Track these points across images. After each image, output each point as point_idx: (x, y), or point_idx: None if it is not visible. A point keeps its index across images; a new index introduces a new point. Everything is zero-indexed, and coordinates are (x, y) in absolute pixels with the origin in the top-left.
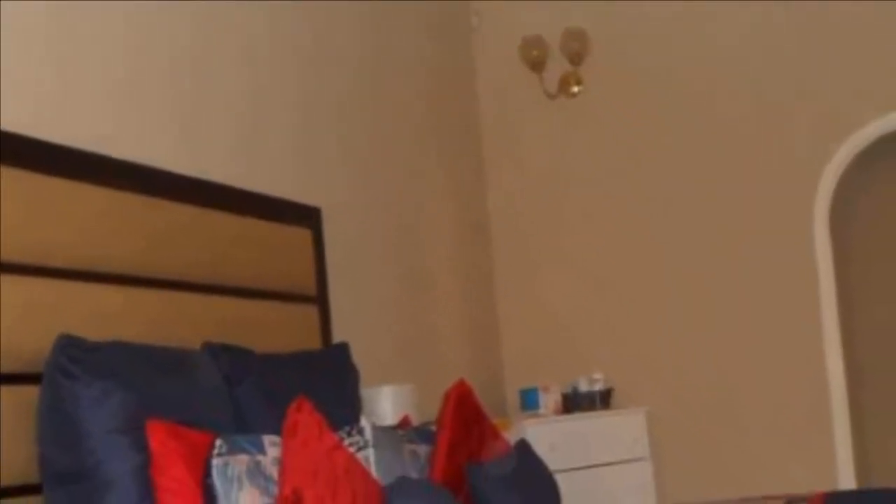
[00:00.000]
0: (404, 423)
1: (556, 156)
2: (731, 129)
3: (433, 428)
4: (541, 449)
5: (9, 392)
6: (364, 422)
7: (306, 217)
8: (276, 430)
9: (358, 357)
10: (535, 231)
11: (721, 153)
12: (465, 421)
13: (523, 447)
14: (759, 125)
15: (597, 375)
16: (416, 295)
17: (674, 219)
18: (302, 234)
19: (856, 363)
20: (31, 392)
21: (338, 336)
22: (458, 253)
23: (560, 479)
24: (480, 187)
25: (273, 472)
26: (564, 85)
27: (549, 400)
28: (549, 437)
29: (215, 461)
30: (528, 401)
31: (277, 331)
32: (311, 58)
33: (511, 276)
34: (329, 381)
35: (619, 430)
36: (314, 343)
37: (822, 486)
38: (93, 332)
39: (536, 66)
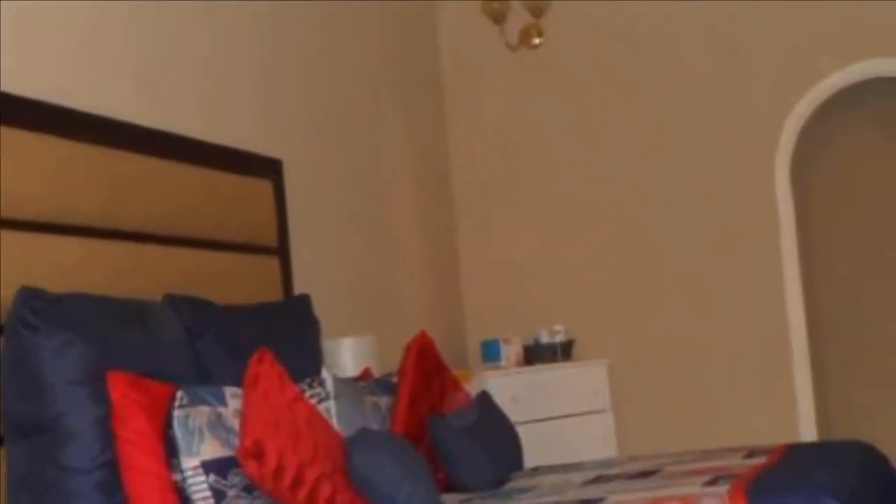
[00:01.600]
0: (365, 375)
1: (517, 108)
2: (692, 81)
3: (394, 380)
4: (502, 400)
5: None
6: (325, 373)
7: (268, 169)
8: (238, 382)
9: (319, 309)
10: (497, 183)
11: (682, 105)
12: (426, 372)
13: (484, 399)
14: (721, 77)
15: (558, 327)
16: (377, 247)
17: (635, 171)
18: (263, 186)
19: (817, 315)
20: None
21: (299, 288)
22: (419, 205)
23: (521, 431)
24: (441, 140)
25: (234, 423)
26: (525, 37)
27: (511, 352)
28: (511, 388)
29: (176, 413)
30: (490, 352)
31: (239, 283)
32: (273, 10)
33: (472, 228)
34: (290, 332)
35: (581, 381)
36: (275, 295)
37: (784, 438)
38: (54, 284)
39: (498, 18)
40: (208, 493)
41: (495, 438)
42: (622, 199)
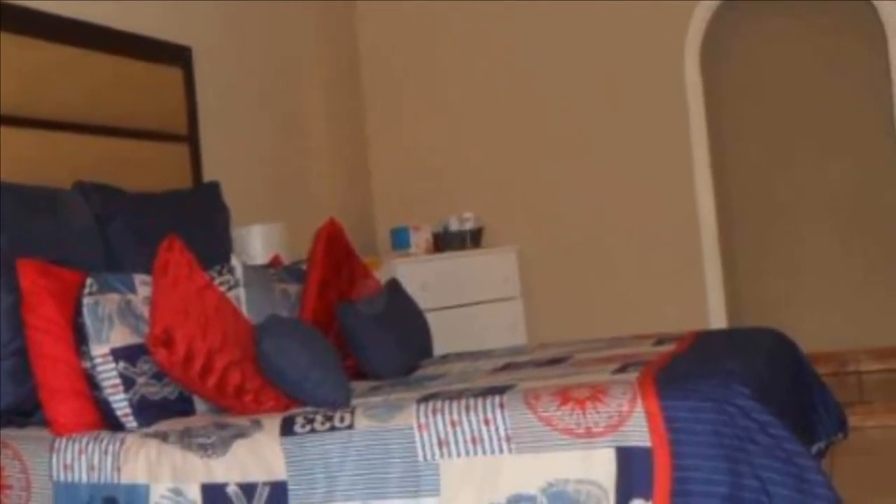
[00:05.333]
0: (275, 263)
1: None
2: None
3: (304, 267)
4: (411, 288)
5: None
6: (234, 261)
7: (177, 57)
8: (147, 269)
9: (229, 196)
10: (406, 71)
11: None
12: (335, 260)
13: (394, 286)
14: None
15: (467, 214)
16: (287, 135)
17: (545, 59)
18: (173, 74)
19: (727, 203)
20: None
21: (208, 175)
22: (329, 92)
23: (431, 318)
24: (351, 28)
25: (144, 311)
26: None
27: (420, 239)
28: (420, 275)
29: (86, 300)
30: (399, 240)
31: (148, 170)
32: None
33: (382, 115)
34: (200, 220)
35: (490, 269)
36: (185, 182)
37: (694, 326)
38: None
39: None
40: (118, 381)
41: (405, 326)
42: (531, 86)
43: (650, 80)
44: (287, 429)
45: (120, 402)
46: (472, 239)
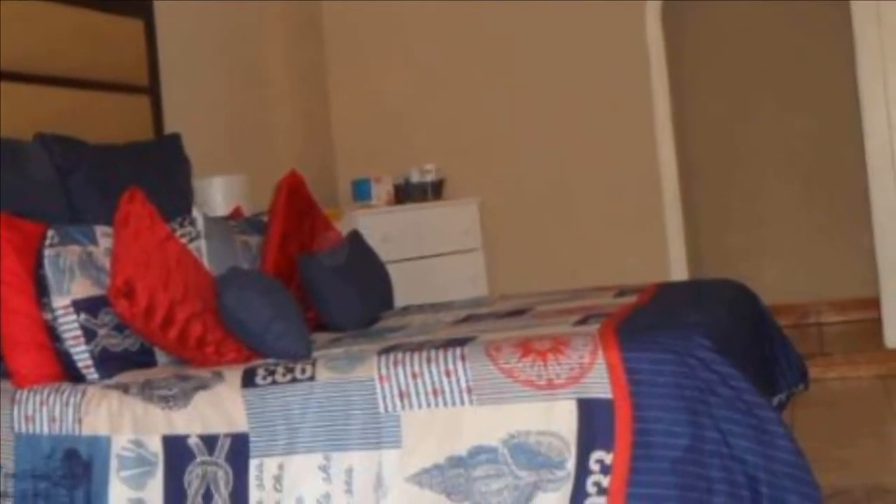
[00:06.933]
0: (236, 214)
1: None
2: None
3: (265, 219)
4: (373, 240)
5: None
6: (196, 213)
7: (139, 8)
8: (109, 221)
9: (190, 148)
10: (367, 23)
11: None
12: (296, 212)
13: (355, 238)
14: None
15: (429, 166)
16: (248, 86)
17: (508, 12)
18: (134, 25)
19: (688, 156)
20: None
21: (170, 127)
22: (290, 44)
23: (392, 270)
24: None
25: (105, 262)
26: None
27: (381, 191)
28: (382, 227)
29: (47, 252)
30: (360, 191)
31: (110, 122)
32: None
33: (343, 68)
34: (161, 172)
35: (451, 220)
36: (146, 134)
37: (655, 278)
38: None
39: None
40: (79, 333)
41: (366, 278)
42: (493, 38)
43: (612, 33)
44: (248, 380)
45: (81, 354)
46: (434, 191)
